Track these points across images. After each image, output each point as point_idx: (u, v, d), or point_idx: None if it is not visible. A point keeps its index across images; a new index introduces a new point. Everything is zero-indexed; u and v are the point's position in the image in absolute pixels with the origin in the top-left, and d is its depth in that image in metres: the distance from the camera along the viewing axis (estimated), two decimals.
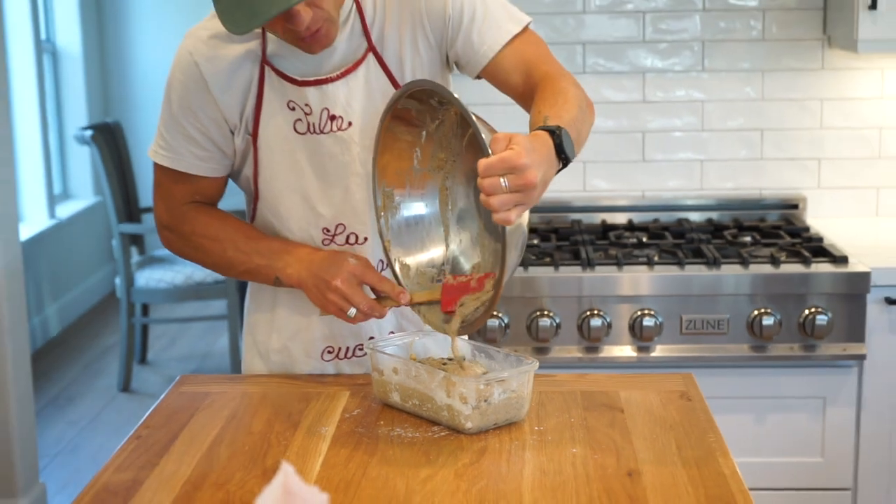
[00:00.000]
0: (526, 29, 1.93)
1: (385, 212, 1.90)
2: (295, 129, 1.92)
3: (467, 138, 1.81)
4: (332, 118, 1.91)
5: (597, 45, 3.30)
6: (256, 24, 1.69)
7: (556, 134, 1.64)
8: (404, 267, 1.92)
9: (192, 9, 6.68)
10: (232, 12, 1.68)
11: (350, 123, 1.91)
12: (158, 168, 1.99)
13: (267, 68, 1.89)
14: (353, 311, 1.87)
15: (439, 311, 1.86)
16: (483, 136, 1.62)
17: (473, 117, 1.64)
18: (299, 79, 1.89)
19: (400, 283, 1.90)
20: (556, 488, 1.55)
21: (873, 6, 2.92)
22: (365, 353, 2.00)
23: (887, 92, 3.28)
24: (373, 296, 1.89)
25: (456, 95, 1.71)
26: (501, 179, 1.53)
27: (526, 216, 1.67)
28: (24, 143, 6.02)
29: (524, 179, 1.53)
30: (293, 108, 1.91)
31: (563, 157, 1.65)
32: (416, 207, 1.92)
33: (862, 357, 2.78)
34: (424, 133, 1.86)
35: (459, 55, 1.92)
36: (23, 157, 6.01)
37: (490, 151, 1.56)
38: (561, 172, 1.68)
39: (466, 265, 1.89)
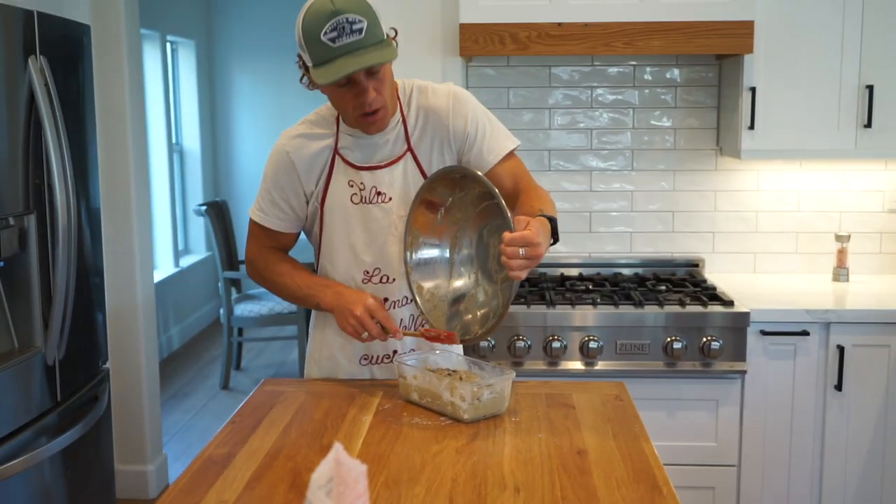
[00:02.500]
0: (514, 151, 1.97)
1: (412, 247, 1.91)
2: (351, 200, 1.93)
3: (480, 208, 1.85)
4: (379, 193, 1.92)
5: (558, 151, 3.31)
6: (338, 77, 1.70)
7: (553, 221, 1.72)
8: (419, 287, 1.92)
9: (276, 122, 6.74)
10: (326, 69, 1.71)
11: (391, 198, 1.92)
12: (252, 222, 2.02)
13: (337, 157, 1.92)
14: (365, 335, 1.88)
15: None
16: (504, 207, 1.69)
17: (499, 194, 1.73)
18: (358, 164, 1.92)
19: (416, 298, 1.91)
20: (527, 462, 1.54)
21: (752, 127, 2.94)
22: (391, 361, 2.00)
23: (762, 186, 3.29)
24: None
25: (485, 179, 1.79)
26: (521, 250, 1.58)
27: None
28: (159, 214, 6.05)
29: (536, 252, 1.61)
30: (352, 186, 1.92)
31: (555, 237, 1.72)
32: (434, 247, 1.93)
33: (744, 372, 2.75)
34: (451, 199, 1.89)
35: (472, 160, 1.94)
36: (158, 224, 6.03)
37: (514, 227, 1.63)
38: None
39: (466, 295, 1.90)
